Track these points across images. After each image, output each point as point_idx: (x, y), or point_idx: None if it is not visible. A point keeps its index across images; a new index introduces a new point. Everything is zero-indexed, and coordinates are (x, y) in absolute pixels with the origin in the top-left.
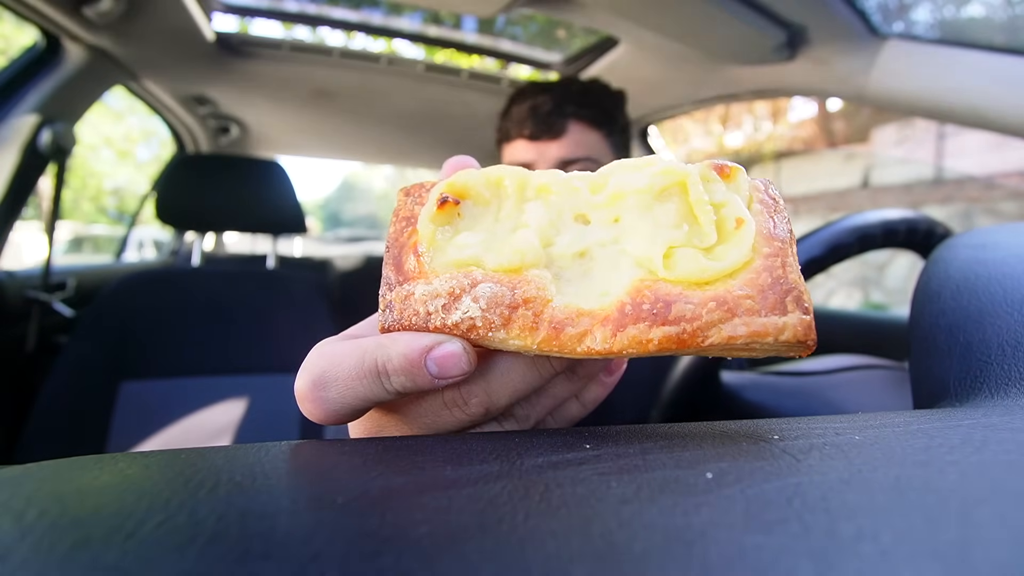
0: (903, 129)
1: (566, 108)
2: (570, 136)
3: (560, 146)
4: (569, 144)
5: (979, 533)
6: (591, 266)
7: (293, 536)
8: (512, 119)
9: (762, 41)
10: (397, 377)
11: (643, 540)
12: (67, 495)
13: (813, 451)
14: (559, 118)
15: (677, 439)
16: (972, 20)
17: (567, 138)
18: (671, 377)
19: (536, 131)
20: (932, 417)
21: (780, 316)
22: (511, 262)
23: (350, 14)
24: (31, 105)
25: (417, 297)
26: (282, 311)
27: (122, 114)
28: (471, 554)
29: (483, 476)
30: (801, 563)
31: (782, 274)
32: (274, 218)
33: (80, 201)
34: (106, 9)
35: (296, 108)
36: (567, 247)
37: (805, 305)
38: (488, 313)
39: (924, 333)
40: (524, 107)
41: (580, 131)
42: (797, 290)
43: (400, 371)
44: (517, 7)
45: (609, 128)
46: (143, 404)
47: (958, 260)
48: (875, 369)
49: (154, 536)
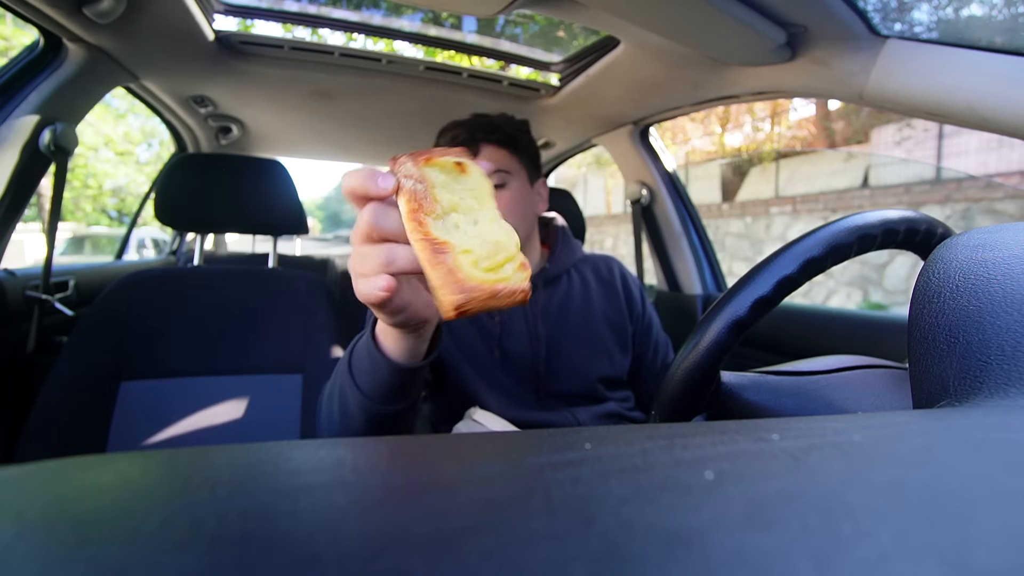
0: (903, 129)
1: (477, 135)
2: (483, 155)
3: None
4: (482, 160)
5: (979, 533)
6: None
7: (293, 536)
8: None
9: (762, 42)
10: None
11: (643, 540)
12: (67, 495)
13: (813, 451)
14: (472, 143)
15: (677, 439)
16: (972, 19)
17: (481, 157)
18: (671, 376)
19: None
20: (932, 417)
21: None
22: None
23: (350, 14)
24: (32, 105)
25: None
26: (283, 311)
27: (123, 114)
28: (471, 554)
29: (483, 476)
30: (801, 563)
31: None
32: (275, 218)
33: (80, 201)
34: (106, 9)
35: (296, 108)
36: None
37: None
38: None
39: (924, 333)
40: (447, 138)
41: (490, 151)
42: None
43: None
44: (517, 7)
45: (514, 147)
46: (143, 404)
47: (958, 260)
48: (875, 369)
49: (154, 536)
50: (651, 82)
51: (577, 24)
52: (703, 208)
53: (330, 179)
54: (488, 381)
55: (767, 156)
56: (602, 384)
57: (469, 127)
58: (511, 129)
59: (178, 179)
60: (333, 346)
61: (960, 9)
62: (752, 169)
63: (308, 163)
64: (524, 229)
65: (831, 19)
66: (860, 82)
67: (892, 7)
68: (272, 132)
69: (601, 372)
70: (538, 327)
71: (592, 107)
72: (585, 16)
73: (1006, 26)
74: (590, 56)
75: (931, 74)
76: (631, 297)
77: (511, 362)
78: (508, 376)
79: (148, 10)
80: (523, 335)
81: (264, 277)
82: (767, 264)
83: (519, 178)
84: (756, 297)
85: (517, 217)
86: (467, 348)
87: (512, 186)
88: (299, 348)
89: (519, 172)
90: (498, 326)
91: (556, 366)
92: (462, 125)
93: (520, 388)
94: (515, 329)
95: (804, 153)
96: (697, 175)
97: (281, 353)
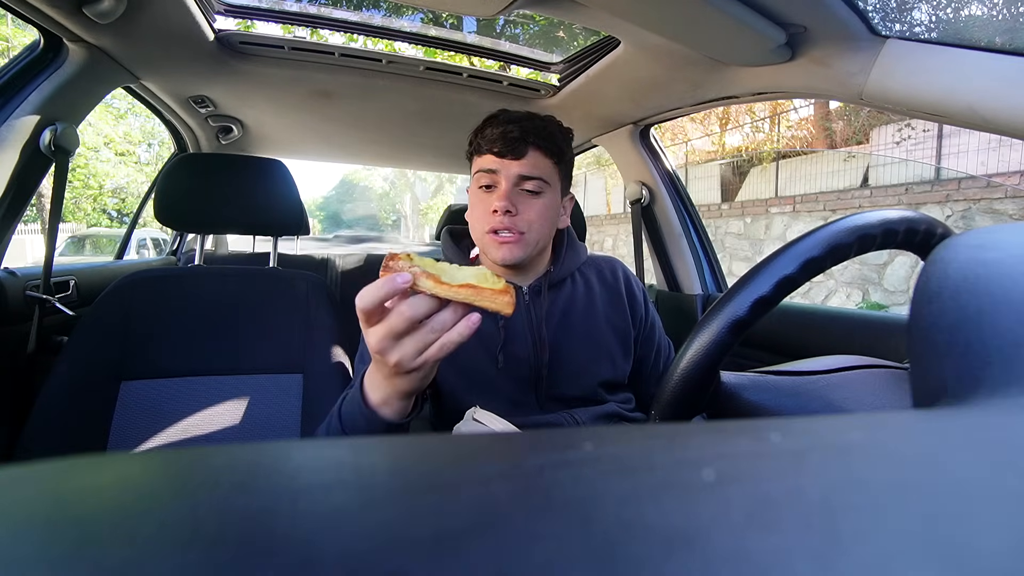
0: (903, 129)
1: (529, 137)
2: (529, 158)
3: (520, 165)
4: (528, 164)
5: (979, 533)
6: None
7: (293, 536)
8: (486, 137)
9: (762, 42)
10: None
11: (643, 540)
12: (67, 495)
13: (813, 451)
14: (523, 144)
15: (677, 439)
16: (972, 19)
17: (527, 160)
18: (671, 376)
19: (504, 150)
20: (932, 417)
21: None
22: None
23: (350, 15)
24: (32, 105)
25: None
26: (283, 311)
27: (123, 114)
28: (471, 554)
29: (483, 476)
30: (801, 563)
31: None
32: (275, 218)
33: (80, 201)
34: (107, 9)
35: (296, 108)
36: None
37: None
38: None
39: (924, 333)
40: (497, 130)
41: (537, 156)
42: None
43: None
44: (517, 7)
45: (558, 159)
46: (143, 404)
47: (958, 260)
48: (875, 369)
49: (154, 536)
50: (651, 82)
51: (577, 24)
52: (703, 208)
53: (330, 179)
54: (485, 388)
55: (767, 156)
56: (603, 387)
57: (523, 126)
58: (561, 140)
59: (178, 179)
60: (333, 346)
61: (960, 9)
62: (752, 169)
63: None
64: (543, 241)
65: (831, 19)
66: (860, 82)
67: (892, 7)
68: (272, 132)
69: (603, 376)
70: (542, 331)
71: (592, 107)
72: (585, 16)
73: (1006, 26)
74: (590, 56)
75: (931, 74)
76: (635, 300)
77: (513, 366)
78: (509, 381)
79: (148, 10)
80: (526, 339)
81: (264, 277)
82: (767, 264)
83: (554, 190)
84: (756, 297)
85: (541, 229)
86: (463, 356)
87: (546, 197)
88: (299, 348)
89: (555, 184)
90: (502, 331)
91: (558, 370)
92: (516, 122)
93: (520, 392)
94: (518, 333)
95: (804, 153)
96: (697, 175)
97: (281, 353)
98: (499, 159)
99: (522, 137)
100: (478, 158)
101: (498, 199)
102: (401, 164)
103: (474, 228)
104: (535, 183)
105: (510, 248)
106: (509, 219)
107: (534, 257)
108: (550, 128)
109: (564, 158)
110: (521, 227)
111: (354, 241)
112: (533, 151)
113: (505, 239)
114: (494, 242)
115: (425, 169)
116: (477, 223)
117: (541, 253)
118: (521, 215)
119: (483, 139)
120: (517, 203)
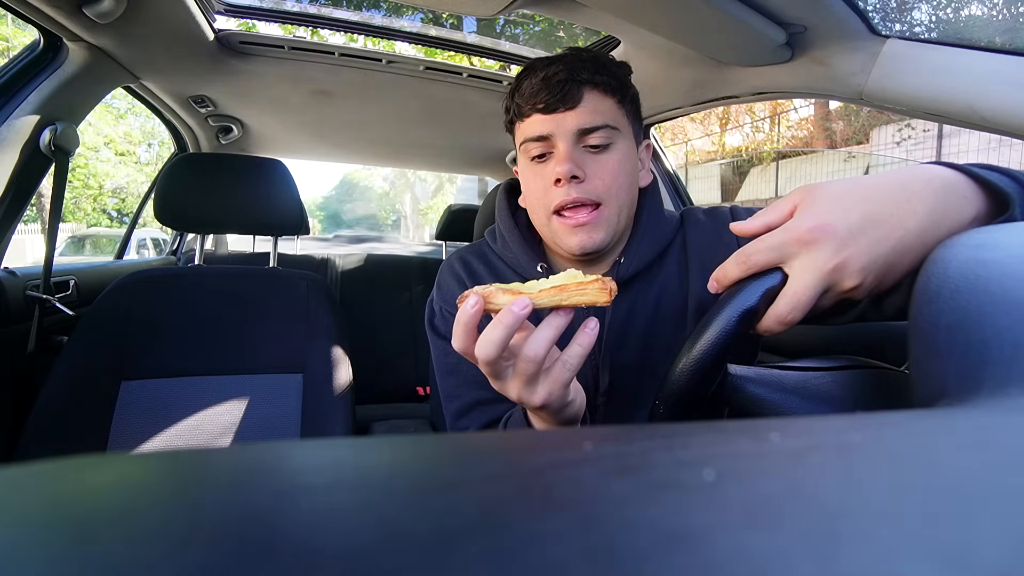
0: (903, 129)
1: (580, 75)
2: (587, 104)
3: (577, 115)
4: (586, 112)
5: (979, 533)
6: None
7: (293, 535)
8: (524, 94)
9: (762, 42)
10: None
11: (643, 540)
12: (67, 495)
13: (813, 451)
14: (575, 86)
15: (677, 439)
16: (972, 19)
17: (584, 106)
18: (679, 366)
19: (552, 102)
20: (932, 417)
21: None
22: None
23: (350, 15)
24: (32, 105)
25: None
26: (283, 310)
27: (123, 114)
28: (471, 554)
29: (483, 476)
30: (801, 563)
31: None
32: (276, 218)
33: (80, 201)
34: (107, 9)
35: (296, 108)
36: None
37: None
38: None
39: (923, 333)
40: (536, 79)
41: (596, 98)
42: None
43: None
44: (517, 7)
45: (622, 95)
46: (143, 404)
47: (958, 260)
48: (875, 370)
49: (154, 536)
50: (651, 82)
51: (577, 24)
52: None
53: (330, 179)
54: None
55: (767, 156)
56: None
57: (569, 66)
58: (619, 72)
59: (178, 179)
60: (333, 346)
61: (960, 9)
62: (752, 169)
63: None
64: (626, 209)
65: (831, 19)
66: (860, 82)
67: (892, 7)
68: (272, 132)
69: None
70: (601, 353)
71: None
72: (585, 16)
73: (1006, 26)
74: None
75: (931, 74)
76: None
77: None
78: None
79: (148, 10)
80: (586, 366)
81: (264, 277)
82: None
83: (626, 136)
84: (766, 288)
85: (620, 193)
86: None
87: (619, 146)
88: (299, 348)
89: (626, 129)
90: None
91: (615, 400)
92: (558, 62)
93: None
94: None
95: (804, 153)
96: (697, 175)
97: (281, 353)
98: (548, 115)
99: (571, 77)
100: (520, 123)
101: (557, 163)
102: (401, 164)
103: (536, 214)
104: (601, 134)
105: (588, 232)
106: (578, 187)
107: (617, 237)
108: (602, 59)
109: (628, 93)
110: (594, 196)
111: (354, 241)
112: (590, 92)
113: (578, 221)
114: (564, 227)
115: (425, 169)
116: (537, 205)
117: (624, 231)
118: (591, 180)
119: (522, 96)
120: (583, 165)
